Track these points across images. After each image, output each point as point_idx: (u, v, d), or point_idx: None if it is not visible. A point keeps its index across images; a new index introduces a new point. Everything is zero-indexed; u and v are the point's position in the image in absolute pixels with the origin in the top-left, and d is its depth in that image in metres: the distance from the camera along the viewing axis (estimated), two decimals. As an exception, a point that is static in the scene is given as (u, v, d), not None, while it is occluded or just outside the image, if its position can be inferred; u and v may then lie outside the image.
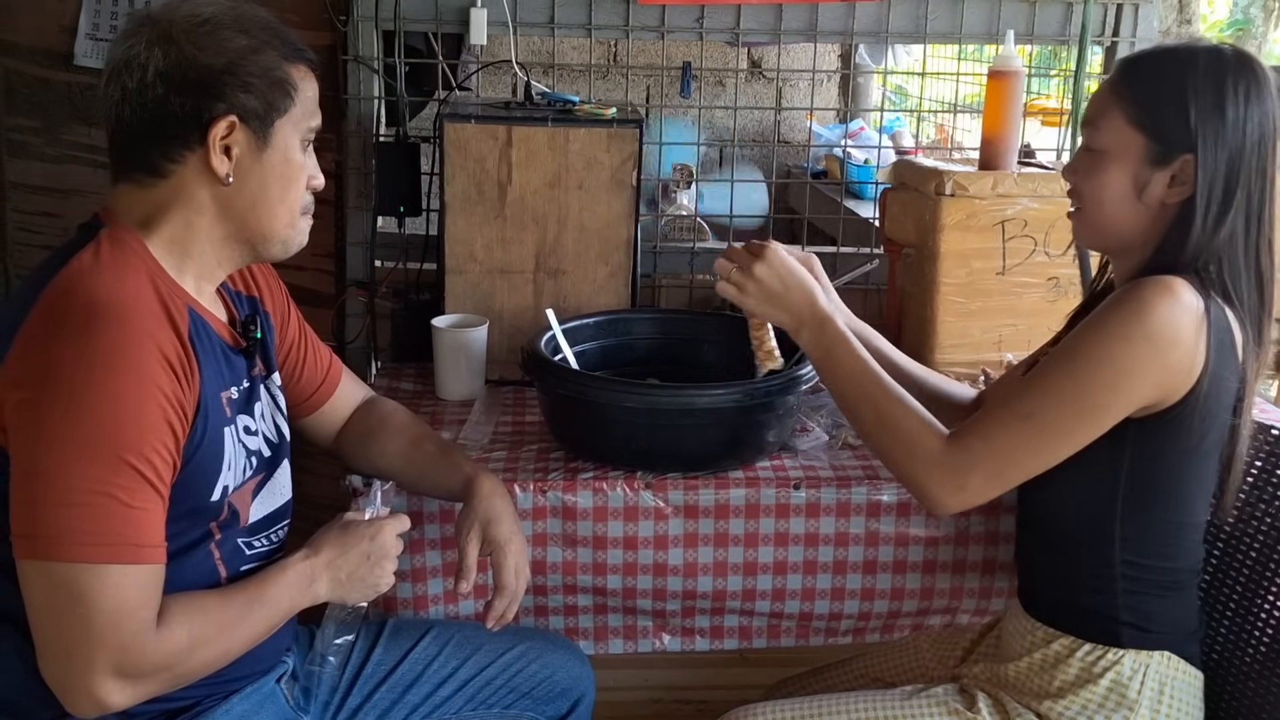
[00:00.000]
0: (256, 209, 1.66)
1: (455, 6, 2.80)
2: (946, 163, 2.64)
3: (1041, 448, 1.67)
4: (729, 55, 4.93)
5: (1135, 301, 1.62)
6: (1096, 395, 1.64)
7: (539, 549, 2.09)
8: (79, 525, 1.45)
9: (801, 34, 2.92)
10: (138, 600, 1.48)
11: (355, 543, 1.77)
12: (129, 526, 1.47)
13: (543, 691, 2.04)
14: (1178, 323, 1.61)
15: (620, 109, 2.63)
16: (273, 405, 1.84)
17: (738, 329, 2.15)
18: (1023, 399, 1.68)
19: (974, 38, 3.01)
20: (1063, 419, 1.66)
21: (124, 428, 1.47)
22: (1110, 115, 1.74)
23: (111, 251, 1.58)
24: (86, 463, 1.45)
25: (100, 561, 1.45)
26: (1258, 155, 1.66)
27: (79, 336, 1.48)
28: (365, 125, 2.88)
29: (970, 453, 1.69)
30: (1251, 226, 1.68)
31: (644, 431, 2.09)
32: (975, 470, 1.68)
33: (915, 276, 2.60)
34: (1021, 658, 1.84)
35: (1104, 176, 1.74)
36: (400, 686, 1.97)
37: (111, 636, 1.46)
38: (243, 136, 1.61)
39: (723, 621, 2.21)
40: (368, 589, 1.79)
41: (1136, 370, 1.62)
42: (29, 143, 3.20)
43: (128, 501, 1.47)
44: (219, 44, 1.59)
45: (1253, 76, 1.67)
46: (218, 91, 1.58)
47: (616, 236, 2.56)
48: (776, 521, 2.11)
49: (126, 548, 1.47)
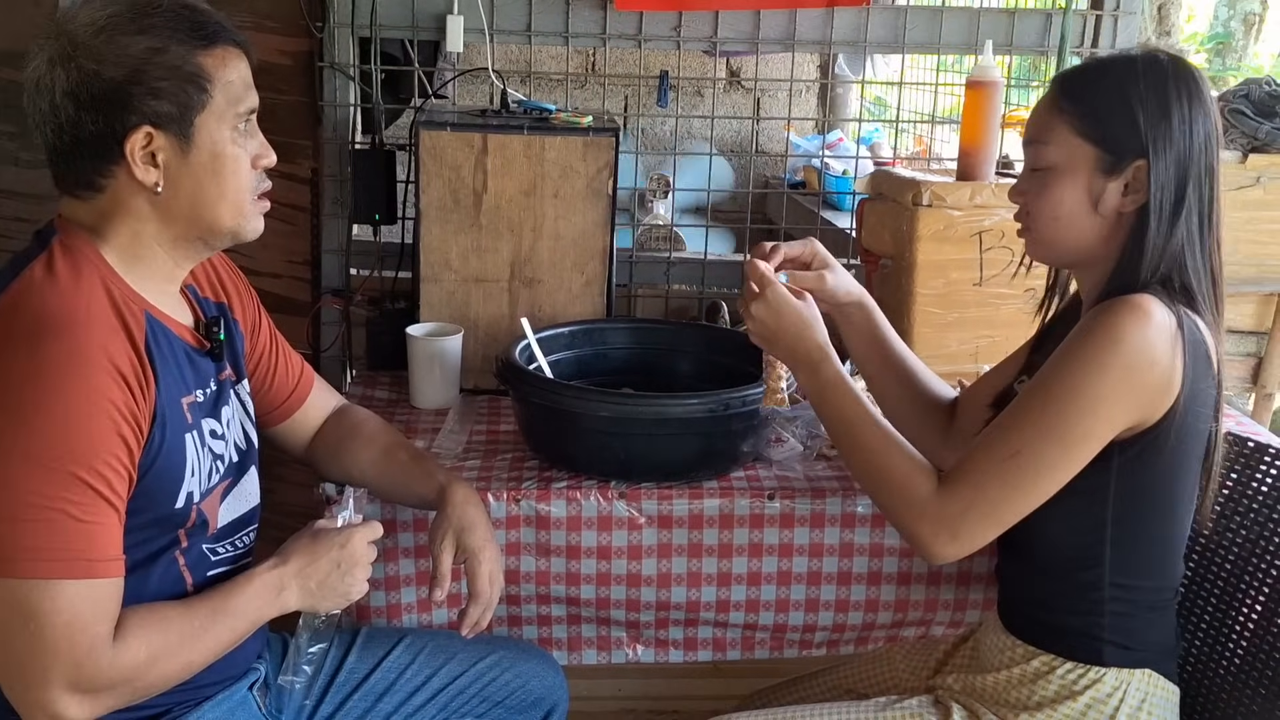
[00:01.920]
0: (197, 209, 1.62)
1: (432, 13, 2.79)
2: (924, 174, 2.64)
3: (1031, 485, 1.65)
4: (707, 64, 4.93)
5: (1108, 327, 1.61)
6: (1079, 425, 1.62)
7: (512, 558, 2.08)
8: (30, 541, 1.43)
9: (780, 43, 2.92)
10: (92, 615, 1.47)
11: (325, 551, 1.74)
12: (81, 541, 1.45)
13: (516, 700, 2.03)
14: (1153, 344, 1.60)
15: (597, 118, 2.63)
16: (241, 411, 1.83)
17: (711, 339, 2.15)
18: (1007, 438, 1.66)
19: (953, 48, 3.02)
20: (1048, 453, 1.64)
21: (74, 442, 1.45)
22: (1055, 130, 1.73)
23: (65, 261, 1.56)
24: (37, 478, 1.43)
25: (52, 577, 1.44)
26: (1204, 155, 1.67)
27: (27, 351, 1.46)
28: (341, 132, 2.87)
29: (961, 500, 1.66)
30: (1204, 226, 1.68)
31: (618, 441, 2.09)
32: (967, 517, 1.66)
33: (892, 287, 2.60)
34: (999, 671, 1.83)
35: (1057, 192, 1.73)
36: (373, 695, 1.96)
37: (65, 652, 1.45)
38: (164, 142, 1.56)
39: (696, 633, 2.21)
40: (338, 597, 1.76)
41: (1115, 396, 1.61)
42: (3, 147, 3.18)
43: (79, 516, 1.45)
44: (118, 52, 1.52)
45: (1191, 79, 1.68)
46: (126, 104, 1.53)
47: (592, 246, 2.55)
48: (750, 532, 2.11)
49: (79, 562, 1.45)
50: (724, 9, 2.84)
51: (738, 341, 2.45)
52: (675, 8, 2.83)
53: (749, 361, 2.29)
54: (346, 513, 1.83)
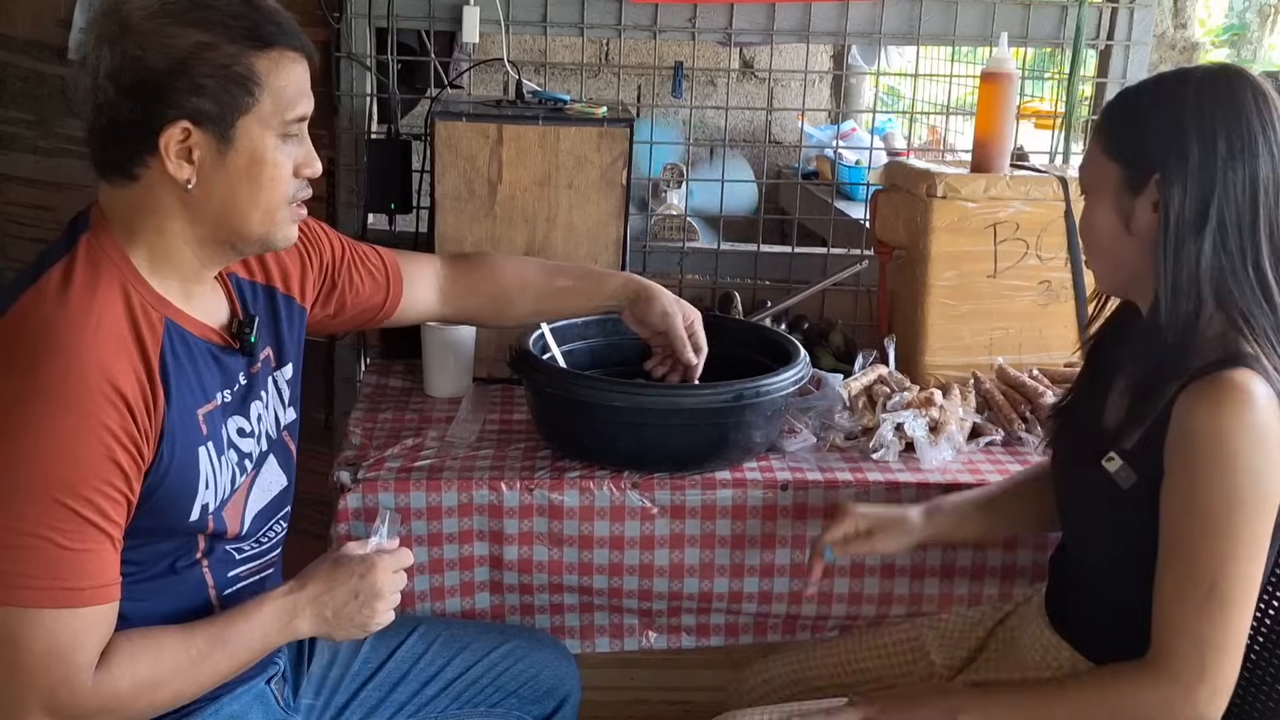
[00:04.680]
0: (228, 212, 1.57)
1: (448, 4, 2.79)
2: (938, 165, 2.64)
3: (1241, 605, 1.58)
4: (721, 55, 4.92)
5: (1221, 426, 1.53)
6: (1252, 527, 1.56)
7: (525, 547, 2.09)
8: (9, 568, 1.41)
9: (794, 34, 2.92)
10: (72, 643, 1.43)
11: (344, 579, 1.66)
12: (63, 568, 1.42)
13: (529, 690, 2.03)
14: (1267, 422, 1.53)
15: (611, 108, 2.63)
16: (275, 398, 1.80)
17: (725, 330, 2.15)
18: (1193, 582, 1.57)
19: (968, 39, 3.01)
20: (1240, 568, 1.57)
21: (61, 469, 1.42)
22: (1091, 154, 1.72)
23: (86, 264, 1.52)
24: (20, 504, 1.40)
25: (29, 605, 1.41)
26: (1242, 170, 1.58)
27: (22, 373, 1.43)
28: (357, 122, 2.88)
29: (1189, 660, 1.58)
30: (1248, 245, 1.60)
31: (631, 431, 2.09)
32: (1205, 667, 1.58)
33: (906, 279, 2.60)
34: (1040, 671, 1.80)
35: (1094, 215, 1.71)
36: (387, 685, 1.96)
37: (41, 678, 1.43)
38: (201, 139, 1.51)
39: (709, 619, 2.21)
40: (355, 629, 1.69)
41: (1265, 485, 1.55)
42: (22, 135, 3.20)
43: (65, 544, 1.42)
44: (166, 42, 1.47)
45: (1222, 90, 1.61)
46: (166, 96, 1.48)
47: (606, 235, 2.56)
48: (763, 523, 2.11)
49: (59, 591, 1.42)
50: (739, 1, 2.84)
51: (750, 332, 2.45)
52: (689, 0, 2.83)
53: (761, 352, 2.30)
54: (378, 537, 1.73)
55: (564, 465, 2.15)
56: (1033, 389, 2.38)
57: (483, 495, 2.07)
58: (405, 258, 2.12)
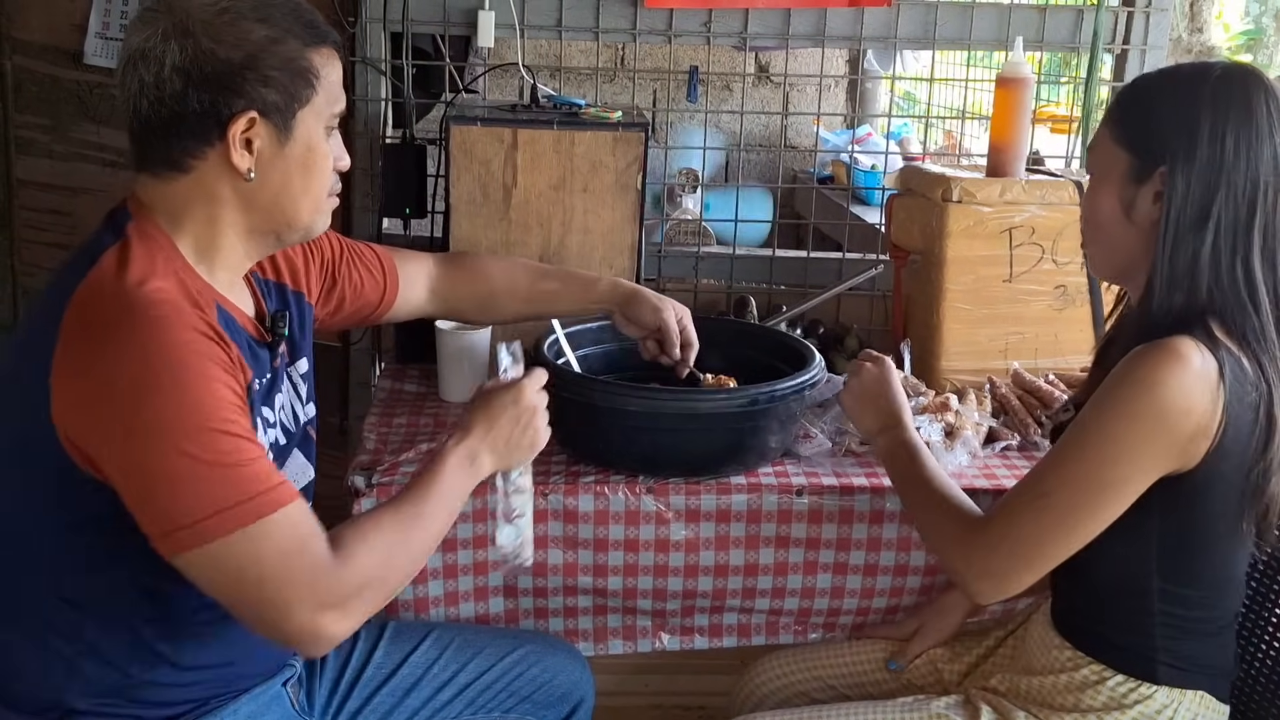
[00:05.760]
0: (281, 201, 1.63)
1: (463, 9, 2.80)
2: (954, 169, 2.64)
3: (1062, 528, 1.64)
4: (736, 59, 4.91)
5: (1144, 376, 1.58)
6: (1111, 472, 1.60)
7: (540, 551, 2.08)
8: (205, 504, 1.43)
9: (810, 38, 2.92)
10: (297, 537, 1.48)
11: (502, 411, 1.76)
12: (248, 482, 1.46)
13: (543, 695, 2.03)
14: (1189, 392, 1.56)
15: (626, 113, 2.63)
16: (293, 393, 1.84)
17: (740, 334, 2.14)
18: (1041, 479, 1.66)
19: (983, 44, 3.01)
20: (1079, 498, 1.62)
21: (203, 402, 1.45)
22: (1100, 138, 1.73)
23: (140, 250, 1.54)
24: (186, 444, 1.43)
25: (247, 524, 1.44)
26: (1246, 168, 1.60)
27: (131, 331, 1.45)
28: (372, 126, 2.88)
29: (992, 535, 1.67)
30: (1242, 244, 1.62)
31: (646, 435, 2.09)
32: (998, 551, 1.66)
33: (921, 283, 2.60)
34: (1046, 675, 1.81)
35: (1096, 199, 1.73)
36: (400, 690, 1.96)
37: (295, 578, 1.47)
38: (264, 130, 1.58)
39: (721, 620, 2.22)
40: (525, 450, 1.79)
41: (1149, 445, 1.58)
42: (38, 140, 3.21)
43: (235, 462, 1.45)
44: (238, 36, 1.54)
45: (1236, 89, 1.62)
46: (237, 87, 1.54)
47: (621, 240, 2.56)
48: (778, 527, 2.11)
49: (257, 500, 1.45)
50: (750, 6, 2.84)
51: (766, 336, 2.45)
52: (705, 4, 2.83)
53: (777, 357, 2.30)
54: (506, 370, 1.84)
55: (579, 470, 2.15)
56: (1048, 394, 2.38)
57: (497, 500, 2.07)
58: (399, 255, 2.18)
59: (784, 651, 2.14)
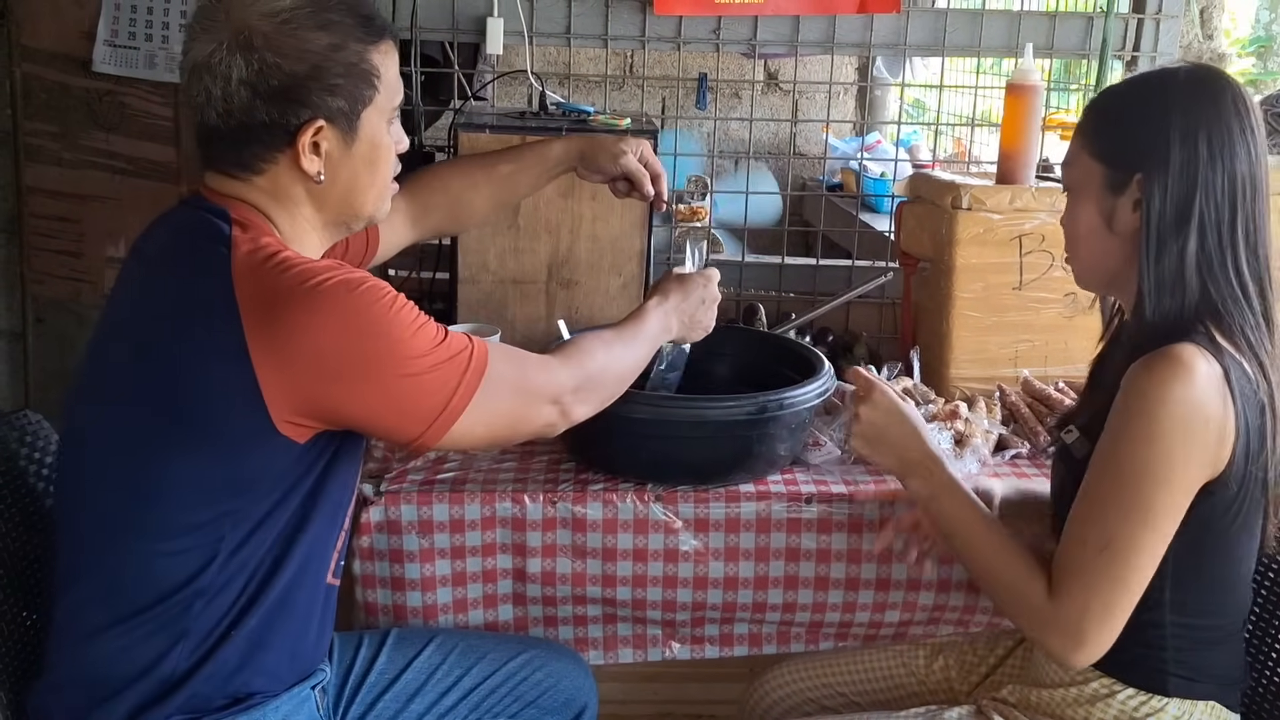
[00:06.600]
0: (349, 197, 1.68)
1: (472, 16, 2.80)
2: (964, 177, 2.63)
3: (1135, 570, 1.61)
4: (745, 67, 4.92)
5: (1154, 392, 1.57)
6: (1159, 499, 1.58)
7: (548, 560, 2.09)
8: (442, 388, 1.57)
9: (818, 45, 2.91)
10: (513, 364, 1.69)
11: (695, 289, 2.02)
12: (455, 342, 1.60)
13: (547, 701, 2.02)
14: (1202, 398, 1.56)
15: (635, 120, 2.63)
16: None
17: (749, 342, 2.14)
18: (1095, 531, 1.62)
19: (993, 51, 3.01)
20: (1140, 535, 1.59)
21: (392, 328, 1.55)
22: (1074, 152, 1.74)
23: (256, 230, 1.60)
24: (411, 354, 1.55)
25: (478, 385, 1.60)
26: (1223, 168, 1.61)
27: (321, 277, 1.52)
28: (381, 133, 2.88)
29: (1075, 604, 1.62)
30: (1227, 245, 1.62)
31: (655, 443, 2.09)
32: (1087, 620, 1.62)
33: (931, 291, 2.59)
34: (1056, 688, 1.79)
35: (1075, 211, 1.74)
36: (404, 696, 1.95)
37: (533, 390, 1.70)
38: (331, 134, 1.61)
39: (732, 629, 2.21)
40: (699, 331, 2.06)
41: (1184, 459, 1.57)
42: (46, 147, 3.21)
43: (440, 340, 1.58)
44: (301, 48, 1.56)
45: (1205, 90, 1.63)
46: (303, 98, 1.57)
47: (629, 247, 2.55)
48: (788, 536, 2.10)
49: (466, 353, 1.60)
50: (759, 14, 2.84)
51: (775, 344, 2.44)
52: (714, 12, 2.83)
53: (786, 364, 2.29)
54: (694, 262, 2.15)
55: (587, 478, 2.14)
56: (1058, 401, 2.37)
57: (506, 508, 2.07)
58: None
59: (794, 659, 2.13)
